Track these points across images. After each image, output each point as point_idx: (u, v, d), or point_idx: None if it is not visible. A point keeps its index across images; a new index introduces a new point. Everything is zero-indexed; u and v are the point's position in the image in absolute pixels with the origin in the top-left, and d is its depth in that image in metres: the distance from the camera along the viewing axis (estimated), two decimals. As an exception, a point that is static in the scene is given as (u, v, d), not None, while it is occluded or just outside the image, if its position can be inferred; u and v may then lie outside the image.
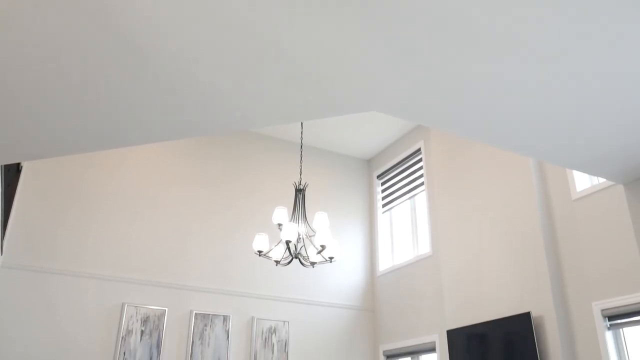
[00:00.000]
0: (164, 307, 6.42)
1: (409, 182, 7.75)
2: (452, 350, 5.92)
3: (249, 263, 7.17)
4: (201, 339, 6.50)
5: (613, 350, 4.58)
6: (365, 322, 7.73)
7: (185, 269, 6.74)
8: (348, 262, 7.92)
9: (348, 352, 7.43)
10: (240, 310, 6.90)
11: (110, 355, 6.00)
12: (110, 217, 6.53)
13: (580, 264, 4.97)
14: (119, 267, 6.37)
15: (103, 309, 6.14)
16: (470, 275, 6.00)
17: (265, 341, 6.88)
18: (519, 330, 5.14)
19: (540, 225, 5.29)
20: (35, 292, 5.87)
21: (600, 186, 4.93)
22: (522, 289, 5.33)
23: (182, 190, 7.09)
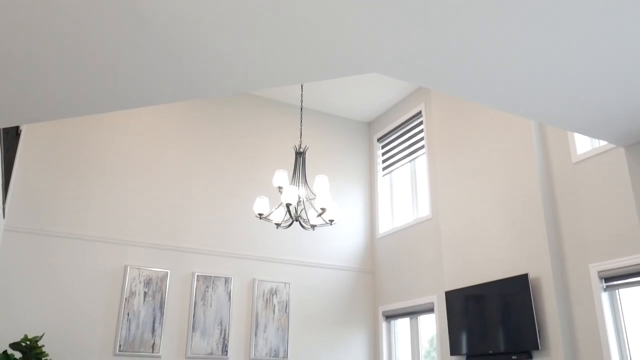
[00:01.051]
0: (166, 269, 6.50)
1: (409, 145, 7.73)
2: (450, 311, 6.02)
3: (250, 226, 7.23)
4: (203, 300, 6.61)
5: (608, 311, 4.65)
6: (365, 284, 7.83)
7: (187, 232, 6.80)
8: (348, 225, 7.98)
9: (348, 313, 7.56)
10: (242, 272, 6.99)
11: (114, 317, 6.11)
12: (111, 181, 6.54)
13: (579, 226, 5.00)
14: (120, 230, 6.42)
15: (106, 271, 6.22)
16: (469, 238, 6.05)
17: (267, 302, 6.99)
18: (516, 291, 5.21)
19: (540, 188, 5.30)
20: (39, 255, 5.93)
21: (600, 149, 4.91)
22: (520, 251, 5.39)
23: (183, 153, 7.08)
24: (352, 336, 7.49)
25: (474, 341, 5.64)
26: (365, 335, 7.59)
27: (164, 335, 6.28)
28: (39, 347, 5.26)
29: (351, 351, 7.41)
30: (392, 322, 7.53)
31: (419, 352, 6.87)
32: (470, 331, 5.71)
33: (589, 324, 4.74)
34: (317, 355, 7.14)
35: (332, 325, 7.39)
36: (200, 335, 6.46)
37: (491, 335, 5.43)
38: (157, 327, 6.25)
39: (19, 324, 5.65)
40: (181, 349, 6.34)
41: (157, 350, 6.17)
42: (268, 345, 6.83)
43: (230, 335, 6.65)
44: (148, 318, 6.23)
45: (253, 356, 6.68)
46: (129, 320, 6.13)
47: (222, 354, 6.51)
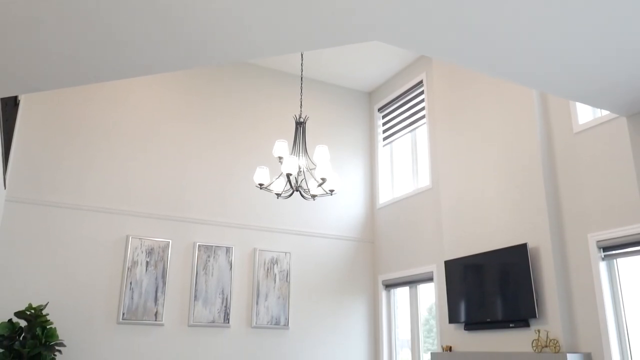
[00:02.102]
0: (167, 239, 6.54)
1: (410, 115, 7.69)
2: (449, 280, 6.09)
3: (251, 196, 7.25)
4: (205, 269, 6.67)
5: (606, 280, 4.70)
6: (365, 253, 7.90)
7: (188, 202, 6.82)
8: (348, 195, 8.00)
9: (348, 282, 7.65)
10: (243, 241, 7.04)
11: (117, 286, 6.18)
12: (112, 151, 6.54)
13: (578, 196, 5.02)
14: (122, 200, 6.45)
15: (108, 241, 6.26)
16: (469, 208, 6.07)
17: (268, 271, 7.06)
18: (515, 261, 5.25)
19: (540, 158, 5.30)
20: (41, 226, 5.97)
21: (602, 119, 4.89)
22: (519, 221, 5.41)
23: (184, 124, 7.06)
24: (352, 305, 7.59)
25: (472, 310, 5.72)
26: (365, 304, 7.69)
27: (166, 304, 6.36)
28: (44, 315, 5.34)
29: (351, 319, 7.52)
30: (391, 291, 7.62)
31: (418, 321, 6.97)
32: (468, 300, 5.78)
33: (586, 292, 4.79)
34: (318, 324, 7.25)
35: (332, 294, 7.48)
36: (202, 303, 6.54)
37: (489, 303, 5.50)
38: (159, 296, 6.32)
39: (23, 293, 5.72)
40: (184, 317, 6.43)
41: (160, 319, 6.26)
42: (269, 313, 6.92)
43: (232, 303, 6.74)
44: (150, 287, 6.31)
45: (254, 324, 6.79)
46: (131, 289, 6.20)
47: (224, 322, 6.60)
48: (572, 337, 4.84)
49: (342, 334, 7.40)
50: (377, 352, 7.51)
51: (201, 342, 6.46)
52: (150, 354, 6.15)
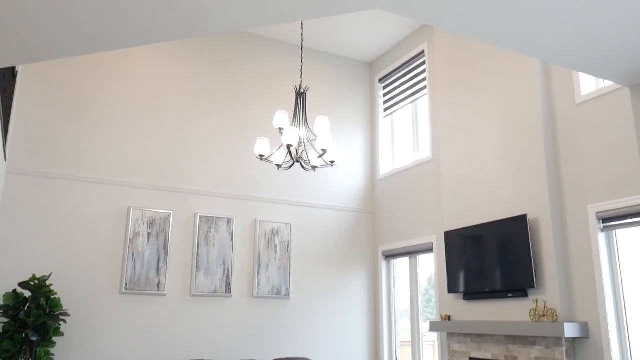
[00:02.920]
0: (168, 211, 6.57)
1: (411, 85, 7.63)
2: (449, 251, 6.13)
3: (251, 167, 7.25)
4: (206, 240, 6.72)
5: (604, 251, 4.73)
6: (365, 224, 7.94)
7: (189, 173, 6.83)
8: (349, 166, 8.00)
9: (348, 253, 7.71)
10: (244, 213, 7.07)
11: (119, 257, 6.23)
12: (112, 122, 6.51)
13: (579, 168, 5.01)
14: (123, 172, 6.45)
15: (109, 212, 6.29)
16: (469, 179, 6.07)
17: (269, 242, 7.11)
18: (514, 232, 5.28)
19: (542, 129, 5.27)
20: (42, 198, 5.99)
21: (605, 90, 4.85)
22: (519, 192, 5.42)
23: (184, 95, 7.01)
24: (352, 275, 7.66)
25: (471, 280, 5.77)
26: (365, 274, 7.77)
27: (168, 275, 6.43)
28: (47, 286, 5.40)
29: (351, 289, 7.60)
30: (391, 262, 7.69)
31: (418, 291, 7.05)
32: (468, 270, 5.83)
33: (585, 263, 4.83)
34: (318, 294, 7.34)
35: (332, 265, 7.55)
36: (204, 274, 6.61)
37: (488, 274, 5.55)
38: (161, 266, 6.38)
39: (26, 264, 5.77)
40: (186, 288, 6.51)
41: (162, 289, 6.33)
42: (270, 283, 7.00)
43: (233, 274, 6.81)
44: (152, 258, 6.36)
45: (256, 294, 6.87)
46: (134, 260, 6.25)
47: (225, 292, 6.68)
48: (570, 306, 4.89)
49: (343, 303, 7.49)
50: (377, 321, 7.61)
51: (203, 311, 6.55)
52: (153, 324, 6.24)
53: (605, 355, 4.55)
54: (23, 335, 5.14)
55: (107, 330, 6.00)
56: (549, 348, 4.85)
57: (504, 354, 5.28)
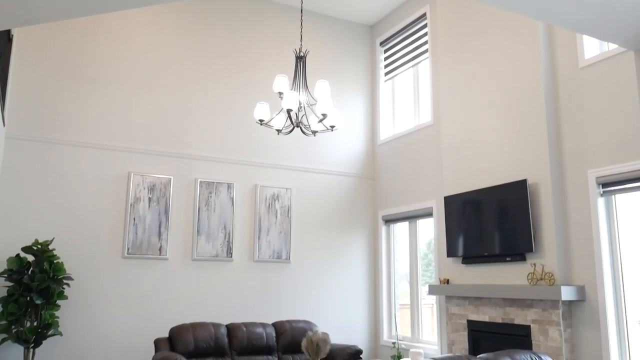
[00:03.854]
0: (169, 176, 6.58)
1: (412, 49, 7.53)
2: (449, 216, 6.16)
3: (252, 132, 7.22)
4: (207, 205, 6.75)
5: (603, 216, 4.76)
6: (365, 189, 7.96)
7: (189, 138, 6.81)
8: (349, 131, 7.97)
9: (348, 218, 7.75)
10: (244, 178, 7.08)
11: (121, 221, 6.27)
12: (112, 87, 6.45)
13: (580, 132, 4.99)
14: (123, 137, 6.43)
15: (110, 177, 6.30)
16: (470, 144, 6.06)
17: (269, 207, 7.15)
18: (514, 197, 5.30)
19: (544, 93, 5.23)
20: (42, 163, 5.98)
21: (609, 53, 4.79)
22: (520, 157, 5.41)
23: (184, 60, 6.93)
24: (352, 240, 7.73)
25: (470, 244, 5.83)
26: (365, 239, 7.83)
27: (170, 239, 6.48)
28: (50, 250, 5.45)
29: (351, 254, 7.68)
30: (391, 226, 7.74)
31: (417, 255, 7.12)
32: (467, 235, 5.87)
33: (583, 228, 4.86)
34: (319, 258, 7.41)
35: (333, 230, 7.60)
36: (205, 238, 6.66)
37: (487, 238, 5.60)
38: (163, 231, 6.43)
39: (28, 229, 5.81)
40: (187, 252, 6.57)
41: (164, 253, 6.39)
42: (271, 248, 7.06)
43: (234, 238, 6.86)
44: (154, 223, 6.40)
45: (257, 258, 6.94)
46: (135, 225, 6.30)
47: (226, 256, 6.75)
48: (567, 270, 4.95)
49: (343, 268, 7.58)
50: (377, 285, 7.71)
51: (205, 275, 6.63)
52: (155, 287, 6.33)
53: (601, 317, 4.62)
54: (28, 298, 5.22)
55: (111, 293, 6.09)
56: (546, 310, 4.93)
57: (501, 317, 5.37)
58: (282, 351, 5.78)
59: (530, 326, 5.06)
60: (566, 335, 4.80)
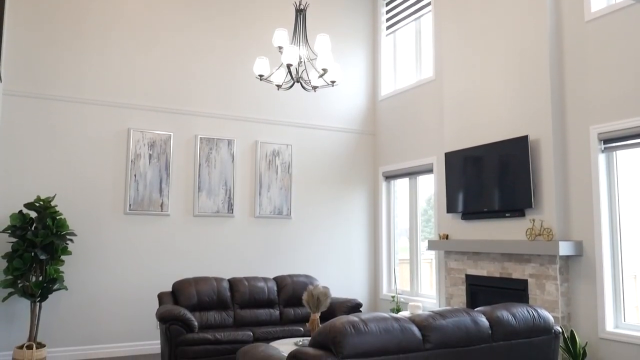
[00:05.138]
0: (169, 132, 6.55)
1: (414, 2, 7.36)
2: (449, 172, 6.17)
3: (252, 88, 7.15)
4: (207, 161, 6.75)
5: (603, 172, 4.76)
6: (366, 145, 7.94)
7: (189, 94, 6.74)
8: (350, 86, 7.89)
9: (349, 174, 7.76)
10: (244, 134, 7.05)
11: (122, 178, 6.28)
12: (111, 42, 6.34)
13: (584, 88, 4.93)
14: (122, 93, 6.37)
15: (110, 134, 6.27)
16: (472, 99, 6.00)
17: (269, 163, 7.15)
18: (515, 153, 5.29)
19: (548, 47, 5.14)
20: (42, 119, 5.94)
21: (616, 6, 4.68)
22: (522, 113, 5.37)
23: (183, 15, 6.78)
24: (352, 196, 7.76)
25: (469, 200, 5.85)
26: (366, 195, 7.87)
27: (171, 195, 6.51)
28: (53, 207, 5.48)
29: (352, 210, 7.73)
30: (391, 182, 7.76)
31: (417, 211, 7.17)
32: (467, 191, 5.89)
33: (583, 184, 4.87)
34: (319, 214, 7.47)
35: (333, 186, 7.63)
36: (206, 195, 6.69)
37: (487, 194, 5.62)
38: (164, 187, 6.45)
39: (30, 186, 5.82)
40: (189, 208, 6.61)
41: (165, 209, 6.43)
42: (272, 204, 7.10)
43: (235, 194, 6.89)
44: (155, 179, 6.42)
45: (258, 214, 6.99)
46: (136, 181, 6.31)
47: (228, 212, 6.80)
48: (566, 226, 4.99)
49: (343, 224, 7.64)
50: (377, 240, 7.80)
51: (206, 231, 6.69)
52: (158, 243, 6.40)
53: (597, 272, 4.69)
54: (32, 254, 5.29)
55: (114, 249, 6.16)
56: (543, 265, 5.00)
57: (499, 271, 5.45)
58: (284, 305, 5.89)
59: (527, 280, 5.14)
60: (562, 289, 4.88)
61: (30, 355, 5.13)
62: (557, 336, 3.47)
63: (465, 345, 3.04)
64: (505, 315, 3.27)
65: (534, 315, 3.38)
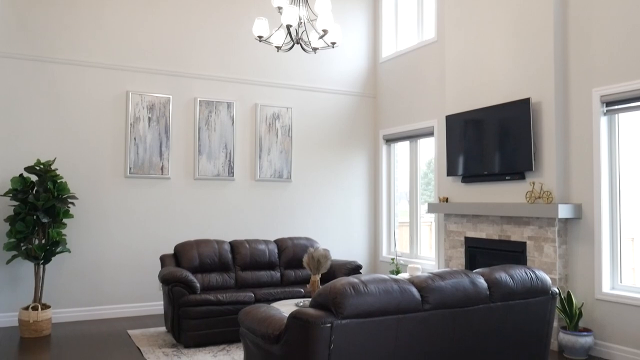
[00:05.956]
0: (168, 95, 6.49)
1: (417, -40, 7.19)
2: (450, 135, 6.14)
3: (251, 50, 7.05)
4: (207, 125, 6.71)
5: (605, 135, 4.74)
6: (367, 108, 7.89)
7: (187, 57, 6.66)
8: (351, 48, 7.78)
9: (349, 137, 7.74)
10: (244, 97, 6.99)
11: (122, 141, 6.26)
12: (108, 4, 6.21)
13: (588, 49, 4.86)
14: (120, 56, 6.28)
15: (108, 97, 6.22)
16: (474, 61, 5.93)
17: (270, 127, 7.11)
18: (516, 115, 5.25)
19: (553, 7, 5.04)
20: (38, 82, 5.88)
21: (623, -36, 4.57)
22: (524, 75, 5.31)
23: (174, -29, 6.63)
24: (353, 159, 7.76)
25: (470, 163, 5.85)
26: (366, 158, 7.86)
27: (171, 159, 6.50)
28: (53, 170, 5.48)
29: (352, 173, 7.73)
30: (392, 145, 7.74)
31: (417, 174, 7.17)
32: (467, 154, 5.88)
33: (584, 147, 4.86)
34: (319, 177, 7.48)
35: (333, 149, 7.61)
36: (206, 158, 6.69)
37: (487, 157, 5.61)
38: (164, 150, 6.44)
39: (29, 149, 5.81)
40: (189, 171, 6.62)
41: (166, 173, 6.44)
42: (272, 167, 7.10)
43: (235, 158, 6.89)
44: (154, 142, 6.40)
45: (258, 177, 7.00)
46: (136, 145, 6.30)
47: (228, 176, 6.80)
48: (566, 189, 5.00)
49: (343, 187, 7.66)
50: (377, 203, 7.83)
51: (207, 194, 6.71)
52: (159, 206, 6.43)
53: (595, 234, 4.73)
54: (34, 217, 5.32)
55: (116, 212, 6.19)
56: (542, 228, 5.03)
57: (498, 234, 5.49)
58: (284, 267, 5.96)
59: (526, 243, 5.19)
60: (560, 251, 4.93)
61: (35, 316, 5.22)
62: (554, 297, 3.52)
63: (464, 305, 3.09)
64: (504, 276, 3.32)
65: (531, 276, 3.42)
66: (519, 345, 3.38)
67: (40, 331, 5.25)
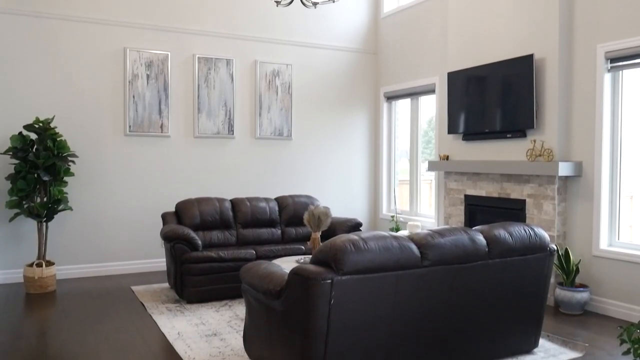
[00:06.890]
0: (166, 52, 6.40)
1: None
2: (451, 92, 6.08)
3: (251, 6, 6.90)
4: (206, 82, 6.64)
5: (608, 92, 4.69)
6: (367, 65, 7.79)
7: (186, 12, 6.52)
8: (352, 3, 7.62)
9: (349, 94, 7.67)
10: (243, 53, 6.89)
11: (120, 99, 6.21)
12: (96, -45, 6.06)
13: (593, 4, 4.76)
14: (116, 10, 6.16)
15: (106, 54, 6.13)
16: (477, 16, 5.81)
17: (269, 84, 7.04)
18: (519, 72, 5.18)
19: (559, -40, 4.91)
20: (35, 38, 5.78)
21: None
22: (528, 31, 5.21)
23: None
24: (353, 116, 7.71)
25: (471, 121, 5.81)
26: (366, 116, 7.81)
27: (171, 116, 6.46)
28: (52, 128, 5.46)
29: (352, 130, 7.70)
30: (392, 103, 7.68)
31: (418, 132, 7.14)
32: (468, 111, 5.84)
33: (587, 104, 4.82)
34: (320, 134, 7.45)
35: (334, 106, 7.55)
36: (206, 116, 6.65)
37: (489, 115, 5.57)
38: (163, 108, 6.39)
39: (27, 108, 5.76)
40: (189, 129, 6.59)
41: (165, 131, 6.41)
42: (272, 125, 7.07)
43: (235, 116, 6.84)
44: (154, 100, 6.34)
45: (258, 135, 6.97)
46: (135, 103, 6.25)
47: (228, 134, 6.78)
48: (567, 146, 4.99)
49: (344, 144, 7.64)
50: (377, 161, 7.83)
51: (207, 152, 6.70)
52: (159, 164, 6.43)
53: (595, 192, 4.75)
54: (35, 175, 5.33)
55: (116, 170, 6.20)
56: (542, 186, 5.05)
57: (498, 191, 5.51)
58: (285, 224, 6.01)
59: (525, 200, 5.21)
60: (559, 209, 4.95)
61: (40, 272, 5.30)
62: (552, 254, 3.56)
63: (462, 262, 3.13)
64: (502, 233, 3.34)
65: (530, 233, 3.45)
66: (516, 301, 3.44)
67: (46, 287, 5.34)
